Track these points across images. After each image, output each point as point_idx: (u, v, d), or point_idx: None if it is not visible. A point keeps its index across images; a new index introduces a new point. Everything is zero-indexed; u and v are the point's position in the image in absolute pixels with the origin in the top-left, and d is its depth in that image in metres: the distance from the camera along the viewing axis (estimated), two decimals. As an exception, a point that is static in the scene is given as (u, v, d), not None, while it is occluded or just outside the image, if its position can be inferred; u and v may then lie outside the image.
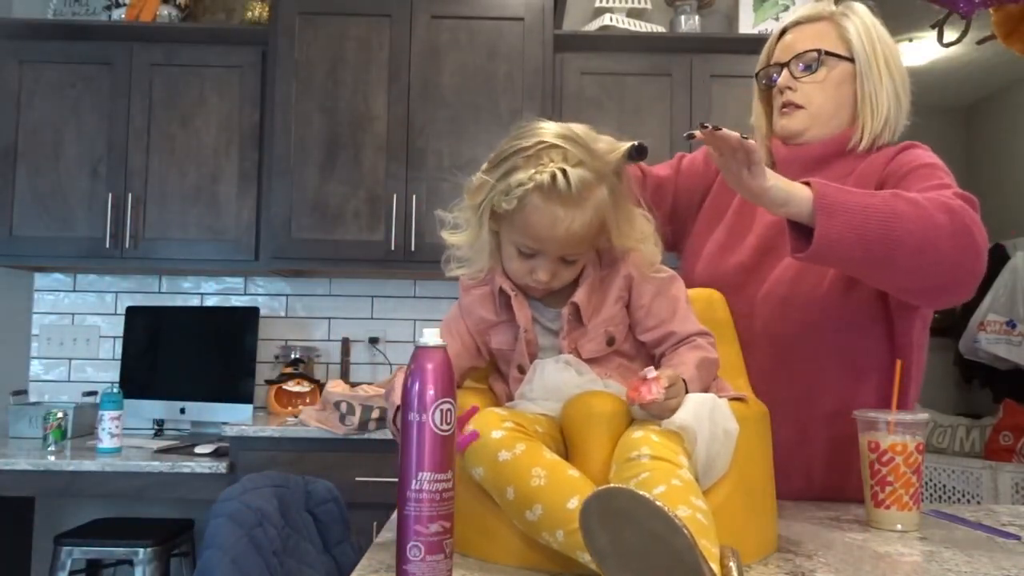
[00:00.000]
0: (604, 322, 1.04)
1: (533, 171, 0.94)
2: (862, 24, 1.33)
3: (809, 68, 1.32)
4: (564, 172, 0.93)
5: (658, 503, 0.71)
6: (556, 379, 1.00)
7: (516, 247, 1.00)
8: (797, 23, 1.37)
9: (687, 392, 0.95)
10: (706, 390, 1.01)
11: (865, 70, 1.32)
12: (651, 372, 0.90)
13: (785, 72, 1.34)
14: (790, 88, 1.34)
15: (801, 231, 1.11)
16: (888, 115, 1.32)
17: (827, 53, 1.32)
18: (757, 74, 1.41)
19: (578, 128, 0.99)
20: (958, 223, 1.10)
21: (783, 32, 1.38)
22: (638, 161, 1.01)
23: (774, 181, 1.08)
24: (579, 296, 1.03)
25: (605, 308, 1.04)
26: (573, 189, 0.94)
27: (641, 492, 0.72)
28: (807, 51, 1.32)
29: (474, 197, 1.01)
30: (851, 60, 1.32)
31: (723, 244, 1.41)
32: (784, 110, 1.35)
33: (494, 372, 1.13)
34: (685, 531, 0.70)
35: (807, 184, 1.09)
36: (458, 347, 1.07)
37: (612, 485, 0.74)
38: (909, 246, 1.08)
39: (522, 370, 1.05)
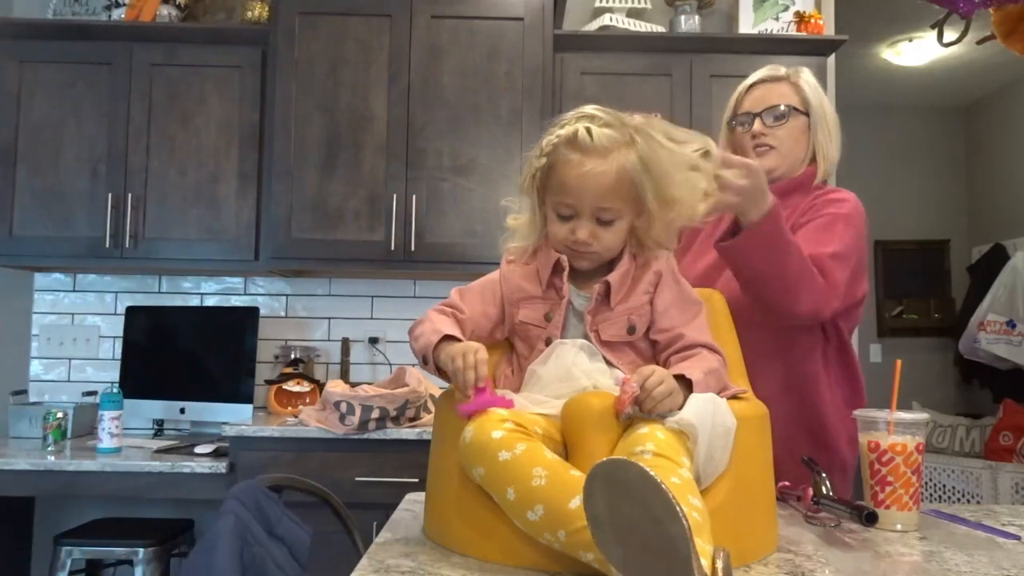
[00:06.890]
0: (629, 309, 1.09)
1: (560, 130, 1.08)
2: (813, 87, 1.61)
3: (779, 118, 1.59)
4: (588, 129, 1.05)
5: (665, 487, 0.71)
6: (567, 361, 1.03)
7: (556, 210, 1.09)
8: (762, 81, 1.62)
9: (692, 391, 0.96)
10: None
11: (819, 123, 1.60)
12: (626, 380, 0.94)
13: (758, 120, 1.59)
14: (763, 134, 1.59)
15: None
16: (833, 159, 1.62)
17: (792, 108, 1.59)
18: (729, 121, 1.65)
19: (639, 117, 1.10)
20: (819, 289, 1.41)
21: (750, 87, 1.63)
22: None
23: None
24: (613, 276, 1.09)
25: (633, 297, 1.10)
26: (595, 141, 1.04)
27: (651, 472, 0.72)
28: (776, 105, 1.59)
29: (524, 176, 1.11)
30: (807, 114, 1.60)
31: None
32: (758, 150, 1.59)
33: (502, 360, 1.15)
34: (684, 521, 0.70)
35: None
36: (490, 311, 1.13)
37: (624, 457, 0.75)
38: (787, 277, 1.36)
39: (548, 343, 1.08)
